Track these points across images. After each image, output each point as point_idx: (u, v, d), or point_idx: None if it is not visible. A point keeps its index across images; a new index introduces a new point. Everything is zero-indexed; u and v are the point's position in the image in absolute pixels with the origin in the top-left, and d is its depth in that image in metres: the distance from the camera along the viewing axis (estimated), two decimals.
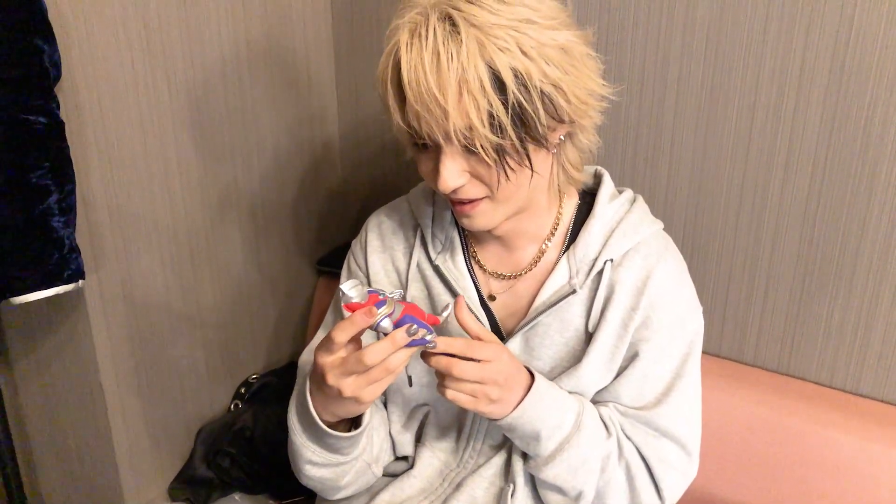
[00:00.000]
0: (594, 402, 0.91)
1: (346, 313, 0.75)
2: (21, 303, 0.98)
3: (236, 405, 1.41)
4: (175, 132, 1.20)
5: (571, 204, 0.93)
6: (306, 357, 1.02)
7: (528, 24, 0.73)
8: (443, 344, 0.77)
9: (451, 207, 0.85)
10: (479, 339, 0.80)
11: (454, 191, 0.80)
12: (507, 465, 0.92)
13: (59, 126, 0.97)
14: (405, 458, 0.99)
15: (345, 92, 1.49)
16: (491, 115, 0.73)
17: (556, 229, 0.92)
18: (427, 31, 0.73)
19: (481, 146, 0.74)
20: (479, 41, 0.72)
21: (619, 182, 0.99)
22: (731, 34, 1.04)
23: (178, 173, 1.22)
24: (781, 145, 1.05)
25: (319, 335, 1.04)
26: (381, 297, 0.74)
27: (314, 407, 0.82)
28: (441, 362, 0.77)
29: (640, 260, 0.88)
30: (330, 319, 1.04)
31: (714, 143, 1.10)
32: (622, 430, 0.89)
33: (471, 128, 0.73)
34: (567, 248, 0.91)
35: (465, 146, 0.76)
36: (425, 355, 0.79)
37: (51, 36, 0.95)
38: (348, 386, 0.75)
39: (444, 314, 0.81)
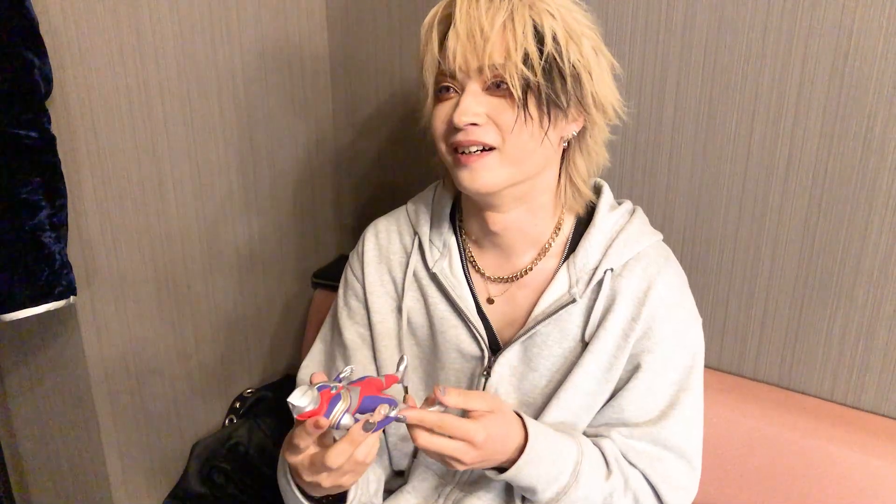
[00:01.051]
0: (597, 424, 0.90)
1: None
2: (12, 320, 0.97)
3: (231, 420, 1.39)
4: (169, 146, 1.19)
5: (572, 215, 0.94)
6: (303, 373, 1.01)
7: (572, 14, 0.82)
8: (415, 419, 0.75)
9: (454, 162, 0.84)
10: (470, 411, 0.78)
11: (465, 131, 0.81)
12: (507, 492, 0.92)
13: (50, 140, 0.96)
14: (401, 472, 0.99)
15: (341, 103, 1.48)
16: (526, 54, 0.78)
17: (555, 236, 0.92)
18: None
19: (510, 78, 0.79)
20: (531, 3, 0.80)
21: (617, 193, 0.98)
22: (730, 46, 1.04)
23: (173, 187, 1.21)
24: (781, 157, 1.04)
25: (316, 348, 1.04)
26: (333, 393, 0.71)
27: (298, 488, 0.81)
28: (409, 429, 0.77)
29: (640, 270, 0.88)
30: (327, 333, 1.04)
31: (713, 155, 1.09)
32: (626, 458, 0.88)
33: (505, 62, 0.78)
34: (567, 258, 0.91)
35: (493, 82, 0.80)
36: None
37: (42, 49, 0.94)
38: (325, 480, 0.74)
39: (401, 368, 0.79)
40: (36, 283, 0.97)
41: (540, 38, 0.79)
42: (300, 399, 0.69)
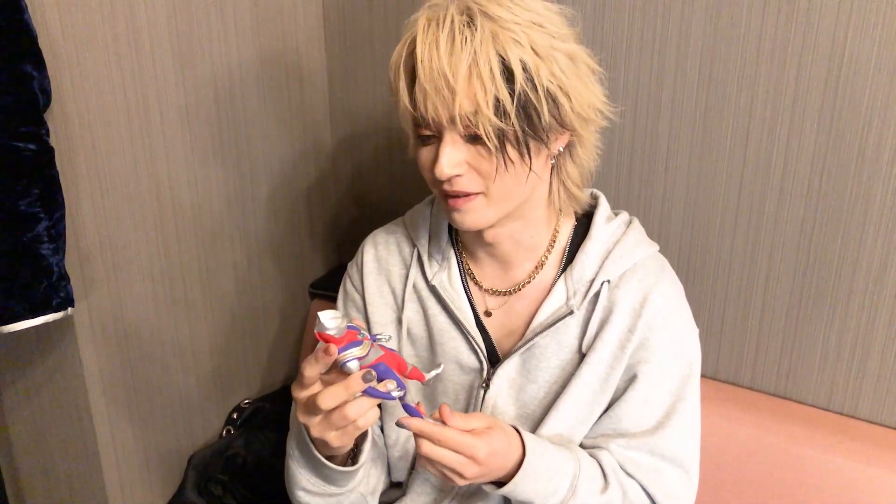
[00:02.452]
0: (594, 435, 0.90)
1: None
2: (9, 332, 0.97)
3: (228, 431, 1.39)
4: (167, 157, 1.19)
5: (568, 224, 0.94)
6: None
7: (541, 28, 0.77)
8: (415, 427, 0.75)
9: (444, 204, 0.84)
10: (469, 430, 0.78)
11: (449, 182, 0.80)
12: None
13: (48, 153, 0.96)
14: (399, 484, 0.98)
15: (338, 115, 1.49)
16: (497, 101, 0.75)
17: (552, 247, 0.92)
18: (445, 19, 0.76)
19: (484, 131, 0.76)
20: (494, 32, 0.75)
21: (613, 203, 0.99)
22: (725, 56, 1.05)
23: (171, 198, 1.21)
24: (776, 167, 1.05)
25: None
26: (358, 337, 0.71)
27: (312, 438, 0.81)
28: (415, 437, 0.77)
29: (636, 282, 0.88)
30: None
31: (709, 165, 1.10)
32: (624, 469, 0.88)
33: (476, 112, 0.75)
34: (564, 270, 0.91)
35: (468, 134, 0.78)
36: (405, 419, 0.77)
37: (41, 62, 0.94)
38: (315, 427, 0.74)
39: (432, 374, 0.79)
40: (33, 295, 0.97)
41: (509, 74, 0.75)
42: (329, 321, 0.69)
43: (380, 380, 0.73)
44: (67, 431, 1.20)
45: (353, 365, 0.71)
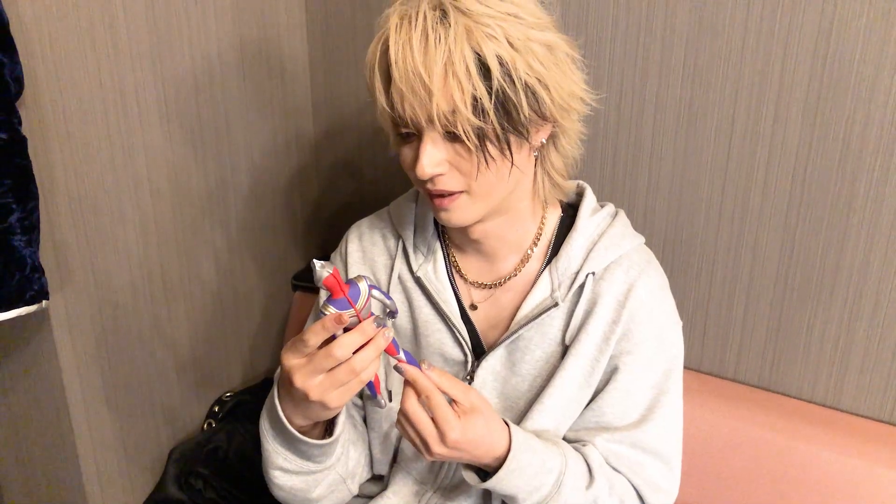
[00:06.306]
0: (578, 429, 0.90)
1: (324, 311, 0.72)
2: None
3: (210, 424, 1.38)
4: (145, 146, 1.17)
5: (554, 216, 0.93)
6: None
7: (516, 19, 0.75)
8: (410, 374, 0.75)
9: (429, 202, 0.84)
10: (454, 401, 0.78)
11: (432, 181, 0.80)
12: (486, 499, 0.91)
13: (20, 142, 0.94)
14: (381, 478, 0.98)
15: (320, 105, 1.47)
16: (475, 99, 0.74)
17: (538, 241, 0.92)
18: (417, 16, 0.74)
19: (463, 130, 0.75)
20: (468, 28, 0.73)
21: (597, 195, 0.98)
22: (710, 47, 1.04)
23: (149, 188, 1.19)
24: (760, 159, 1.05)
25: None
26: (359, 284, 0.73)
27: (283, 412, 0.80)
28: (404, 385, 0.76)
29: (621, 273, 0.88)
30: None
31: (693, 157, 1.09)
32: (609, 462, 0.87)
33: (454, 111, 0.74)
34: (549, 261, 0.90)
35: (447, 132, 0.77)
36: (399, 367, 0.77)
37: (11, 49, 0.92)
38: (315, 388, 0.73)
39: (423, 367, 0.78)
40: (6, 287, 0.95)
41: (486, 71, 0.73)
42: (326, 265, 0.70)
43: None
44: (44, 426, 1.18)
45: (377, 294, 0.73)
